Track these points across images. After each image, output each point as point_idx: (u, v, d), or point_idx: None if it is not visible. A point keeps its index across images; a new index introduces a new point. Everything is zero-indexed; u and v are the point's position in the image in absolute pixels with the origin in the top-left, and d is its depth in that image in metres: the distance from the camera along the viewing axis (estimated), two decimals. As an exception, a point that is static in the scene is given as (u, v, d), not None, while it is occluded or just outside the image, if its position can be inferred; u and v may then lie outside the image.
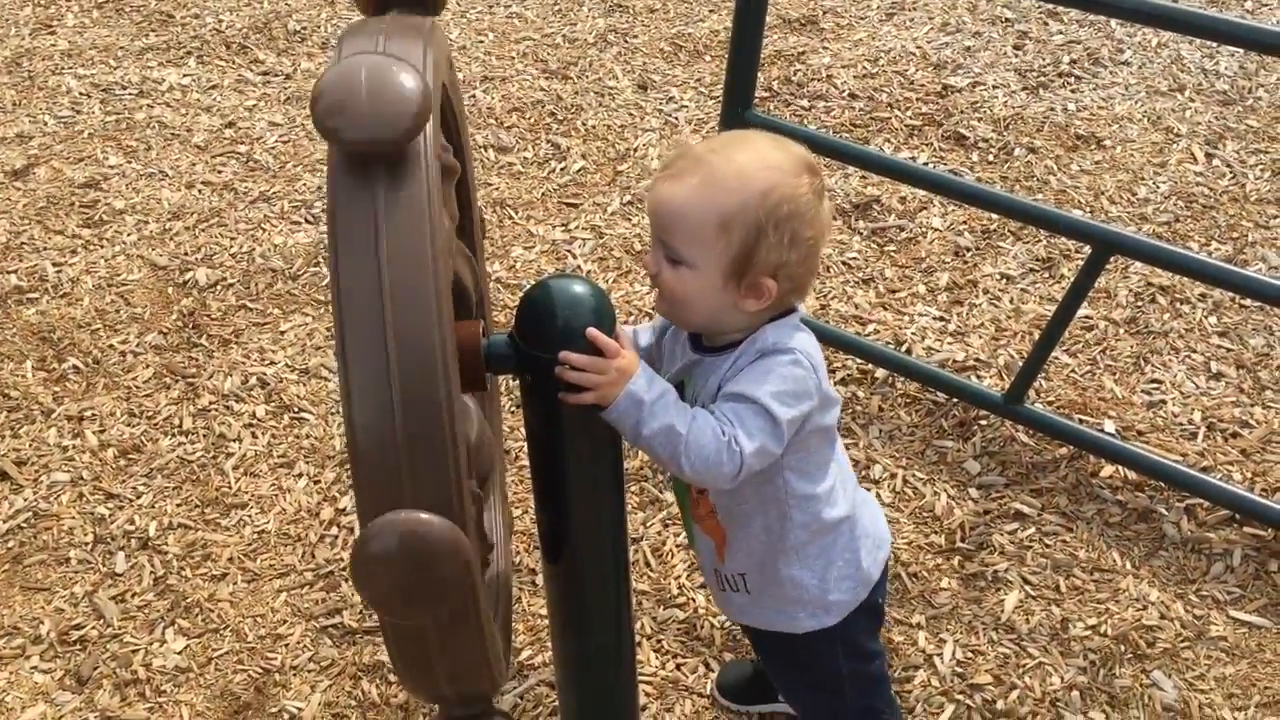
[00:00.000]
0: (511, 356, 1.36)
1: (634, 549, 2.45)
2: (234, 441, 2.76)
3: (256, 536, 2.53)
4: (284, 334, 3.09)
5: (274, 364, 2.99)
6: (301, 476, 2.66)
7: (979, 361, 2.90)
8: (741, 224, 1.37)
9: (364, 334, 1.09)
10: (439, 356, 1.10)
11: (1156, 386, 2.82)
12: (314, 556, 2.48)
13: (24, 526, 2.56)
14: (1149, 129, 3.84)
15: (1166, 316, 3.04)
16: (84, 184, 3.71)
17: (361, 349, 1.09)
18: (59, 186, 3.70)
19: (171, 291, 3.26)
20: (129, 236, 3.47)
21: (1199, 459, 2.61)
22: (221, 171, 3.78)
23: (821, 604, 1.61)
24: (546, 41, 4.53)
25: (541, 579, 2.36)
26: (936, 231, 3.38)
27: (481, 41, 4.54)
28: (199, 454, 2.74)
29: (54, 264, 3.36)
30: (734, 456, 1.37)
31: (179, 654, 2.29)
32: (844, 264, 3.26)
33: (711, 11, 4.71)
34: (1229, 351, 2.92)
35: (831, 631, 1.64)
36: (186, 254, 3.40)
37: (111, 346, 3.06)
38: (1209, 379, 2.84)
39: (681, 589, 2.37)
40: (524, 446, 2.63)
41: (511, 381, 2.62)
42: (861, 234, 3.39)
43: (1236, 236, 3.32)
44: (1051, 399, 2.78)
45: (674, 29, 4.58)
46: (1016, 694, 2.16)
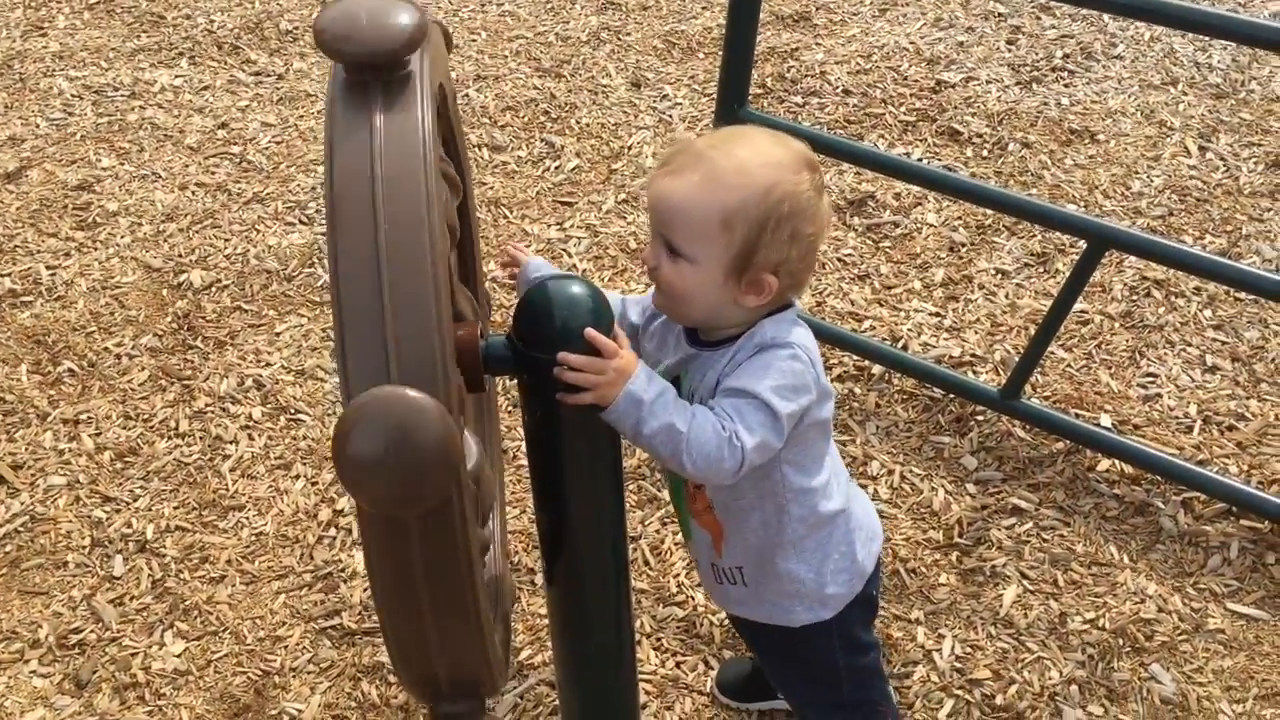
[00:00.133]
0: (510, 358, 1.36)
1: (633, 547, 2.45)
2: (231, 443, 2.76)
3: (254, 538, 2.53)
4: (279, 335, 3.09)
5: (270, 365, 2.98)
6: (299, 478, 2.66)
7: (975, 357, 2.91)
8: (744, 221, 1.37)
9: (357, 232, 1.12)
10: (428, 251, 1.12)
11: (1152, 380, 2.83)
12: (312, 558, 2.48)
13: (21, 530, 2.56)
14: (1142, 123, 3.84)
15: (1161, 310, 3.04)
16: (77, 186, 3.70)
17: (353, 243, 1.12)
18: (52, 189, 3.69)
19: (166, 294, 3.25)
20: (122, 239, 3.46)
21: (1195, 452, 2.61)
22: (215, 173, 3.77)
23: (818, 597, 1.62)
24: (539, 40, 4.53)
25: (541, 578, 2.36)
26: (931, 227, 3.38)
27: (474, 40, 4.54)
28: (196, 456, 2.73)
29: (47, 267, 3.35)
30: (735, 452, 1.37)
31: (178, 657, 2.29)
32: (839, 260, 3.26)
33: (704, 8, 4.71)
34: (1224, 344, 2.93)
35: (827, 625, 1.65)
36: (180, 256, 3.39)
37: (106, 349, 3.05)
38: (1204, 372, 2.85)
39: (680, 587, 2.37)
40: (521, 446, 2.63)
41: (509, 381, 2.62)
42: (857, 230, 3.39)
43: (1231, 230, 3.33)
44: (1048, 394, 2.78)
45: (667, 26, 4.57)
46: (1015, 689, 2.16)
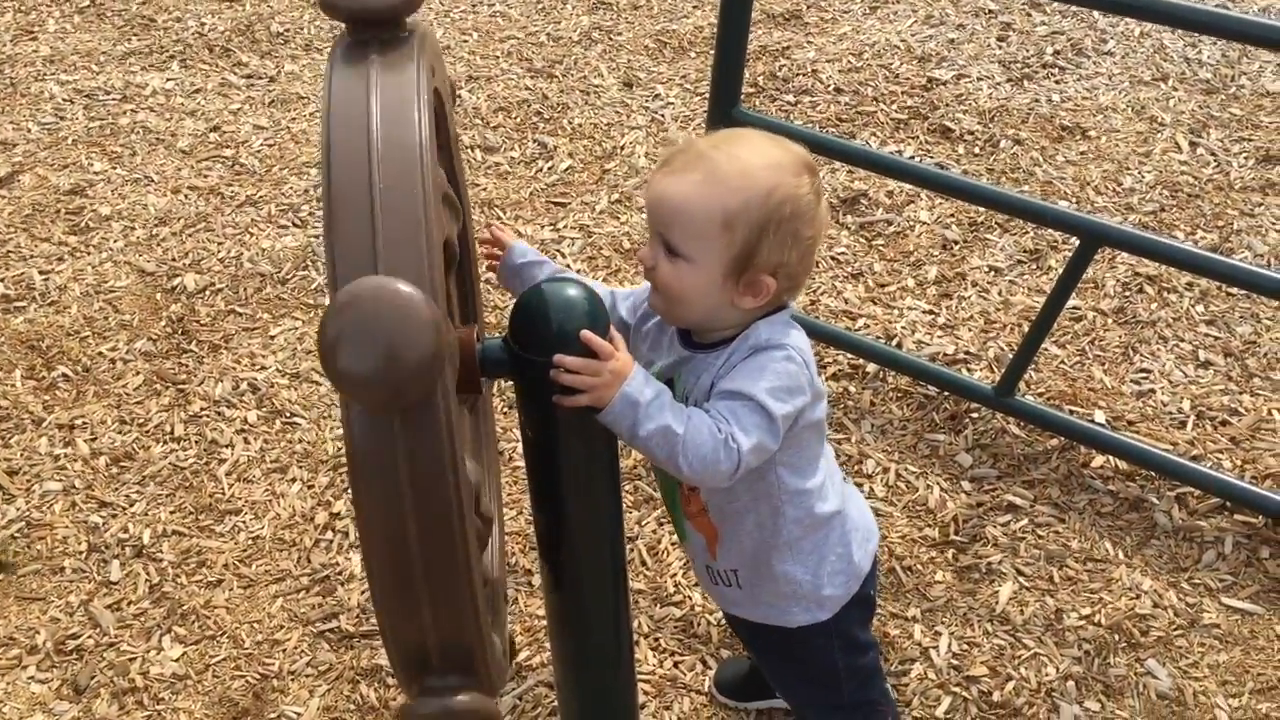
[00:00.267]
0: (506, 361, 1.36)
1: (630, 547, 2.45)
2: (226, 447, 2.76)
3: (251, 542, 2.53)
4: (274, 338, 3.08)
5: (265, 369, 2.98)
6: (295, 481, 2.66)
7: (969, 354, 2.91)
8: (745, 223, 1.38)
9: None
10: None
11: (1145, 376, 2.84)
12: (309, 561, 2.48)
13: (17, 536, 2.56)
14: (1133, 119, 3.85)
15: (1154, 306, 3.05)
16: (69, 191, 3.69)
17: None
18: (44, 194, 3.69)
19: (160, 298, 3.25)
20: (116, 243, 3.46)
21: (1189, 448, 2.62)
22: (207, 176, 3.77)
23: (815, 599, 1.62)
24: (531, 40, 4.53)
25: (539, 579, 2.37)
26: (924, 225, 3.39)
27: (466, 41, 4.54)
28: (191, 460, 2.73)
29: (41, 272, 3.35)
30: (731, 454, 1.37)
31: (176, 661, 2.29)
32: (833, 259, 3.27)
33: (695, 7, 4.71)
34: (1216, 340, 2.94)
35: (826, 625, 1.65)
36: (174, 260, 3.39)
37: (101, 354, 3.05)
38: (1197, 367, 2.86)
39: (678, 587, 2.38)
40: (518, 448, 2.64)
41: (504, 383, 2.62)
42: (850, 228, 3.40)
43: (1222, 224, 3.34)
44: (1042, 390, 2.79)
45: (658, 25, 4.58)
46: (1012, 685, 2.17)
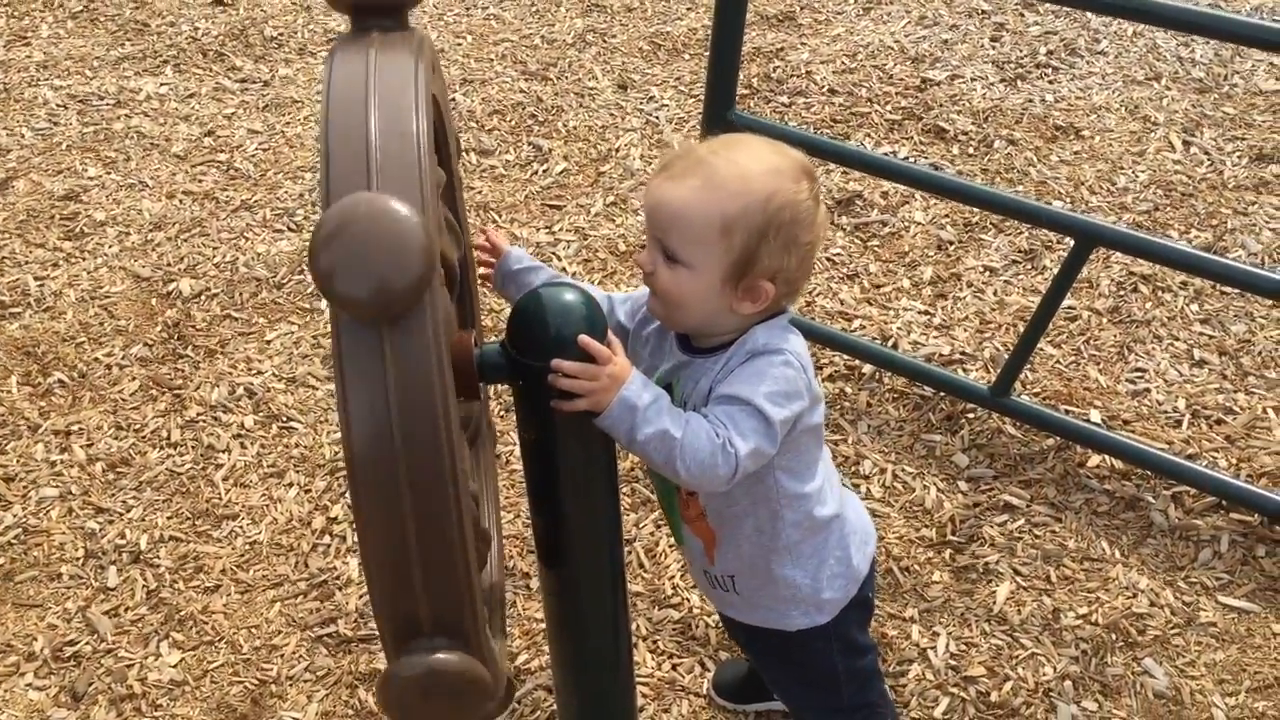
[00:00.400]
0: (504, 365, 1.36)
1: (627, 550, 2.45)
2: (223, 452, 2.76)
3: (248, 547, 2.53)
4: (270, 343, 3.08)
5: (261, 373, 2.98)
6: (292, 486, 2.66)
7: (965, 355, 2.92)
8: (744, 228, 1.38)
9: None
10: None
11: (1140, 375, 2.85)
12: (307, 566, 2.48)
13: (14, 543, 2.55)
14: (1127, 118, 3.86)
15: (1149, 305, 3.06)
16: (64, 196, 3.69)
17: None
18: (38, 199, 3.68)
19: (155, 303, 3.24)
20: (111, 248, 3.46)
21: (1184, 446, 2.63)
22: (202, 181, 3.77)
23: (814, 602, 1.62)
24: (525, 43, 4.53)
25: (537, 583, 2.37)
26: (919, 225, 3.40)
27: (460, 44, 4.54)
28: (188, 466, 2.73)
29: (36, 278, 3.34)
30: (729, 459, 1.37)
31: (174, 667, 2.29)
32: (828, 260, 3.27)
33: (689, 9, 4.71)
34: (1211, 338, 2.95)
35: (824, 629, 1.65)
36: (169, 265, 3.38)
37: (96, 360, 3.04)
38: (1192, 366, 2.87)
39: (676, 589, 2.38)
40: (515, 451, 2.64)
41: (501, 386, 2.62)
42: (845, 230, 3.40)
43: (1216, 224, 3.35)
44: (1037, 390, 2.80)
45: (652, 28, 4.58)
46: (1010, 685, 2.18)
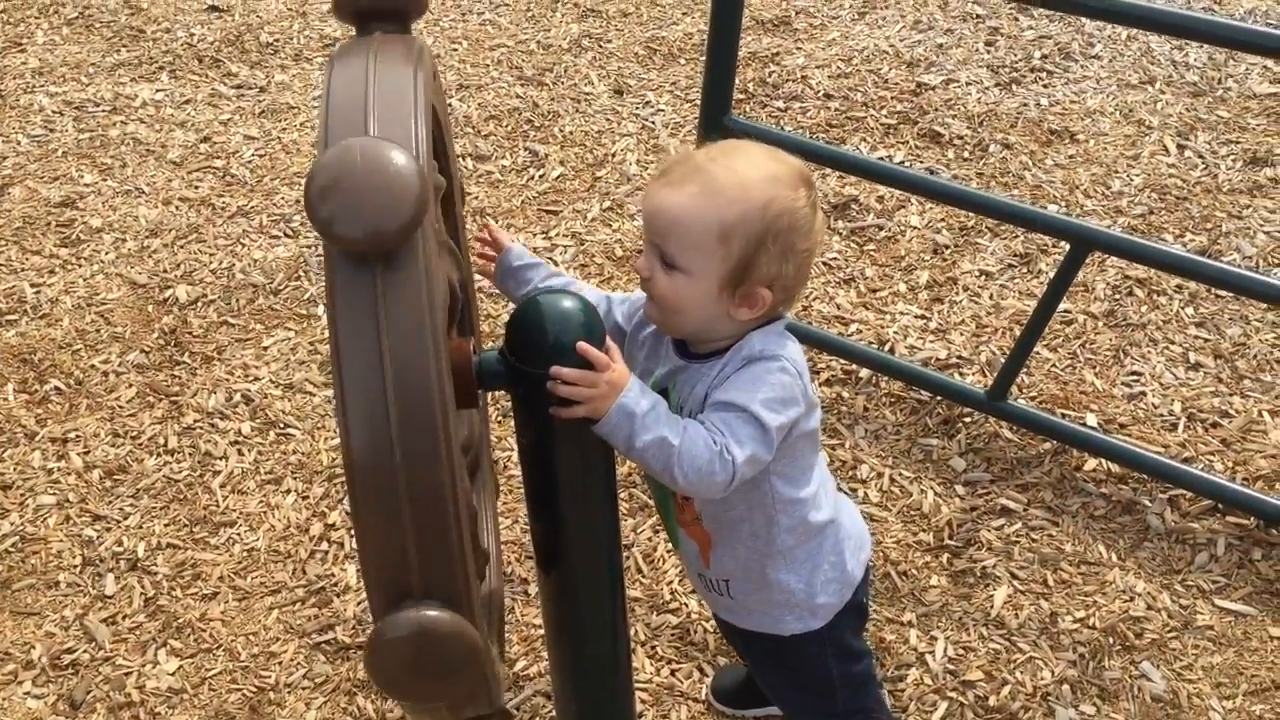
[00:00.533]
0: (503, 373, 1.36)
1: (626, 556, 2.45)
2: (220, 459, 2.76)
3: (246, 554, 2.53)
4: (267, 349, 3.08)
5: (258, 380, 2.98)
6: (290, 492, 2.66)
7: (961, 359, 2.93)
8: (742, 235, 1.38)
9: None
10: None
11: (1136, 379, 2.85)
12: (305, 573, 2.48)
13: (11, 551, 2.55)
14: (1121, 122, 3.87)
15: (1144, 309, 3.07)
16: (60, 203, 3.69)
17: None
18: (35, 206, 3.68)
19: (152, 309, 3.24)
20: (107, 255, 3.46)
21: (1180, 450, 2.64)
22: (198, 187, 3.77)
23: (809, 607, 1.63)
24: (521, 48, 4.54)
25: (535, 589, 2.37)
26: (915, 230, 3.40)
27: (455, 49, 4.54)
28: (185, 473, 2.73)
29: (32, 285, 3.34)
30: (726, 466, 1.37)
31: (172, 675, 2.29)
32: (825, 265, 3.28)
33: (685, 14, 4.72)
34: (1206, 342, 2.95)
35: (819, 633, 1.65)
36: (166, 271, 3.38)
37: (93, 366, 3.04)
38: (1188, 370, 2.87)
39: (674, 594, 2.38)
40: (511, 456, 2.64)
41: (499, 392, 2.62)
42: (841, 234, 3.41)
43: (1210, 227, 3.36)
44: (1034, 394, 2.80)
45: (648, 33, 4.59)
46: (1008, 689, 2.18)
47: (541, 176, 3.75)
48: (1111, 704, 2.15)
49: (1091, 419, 2.72)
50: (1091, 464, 2.61)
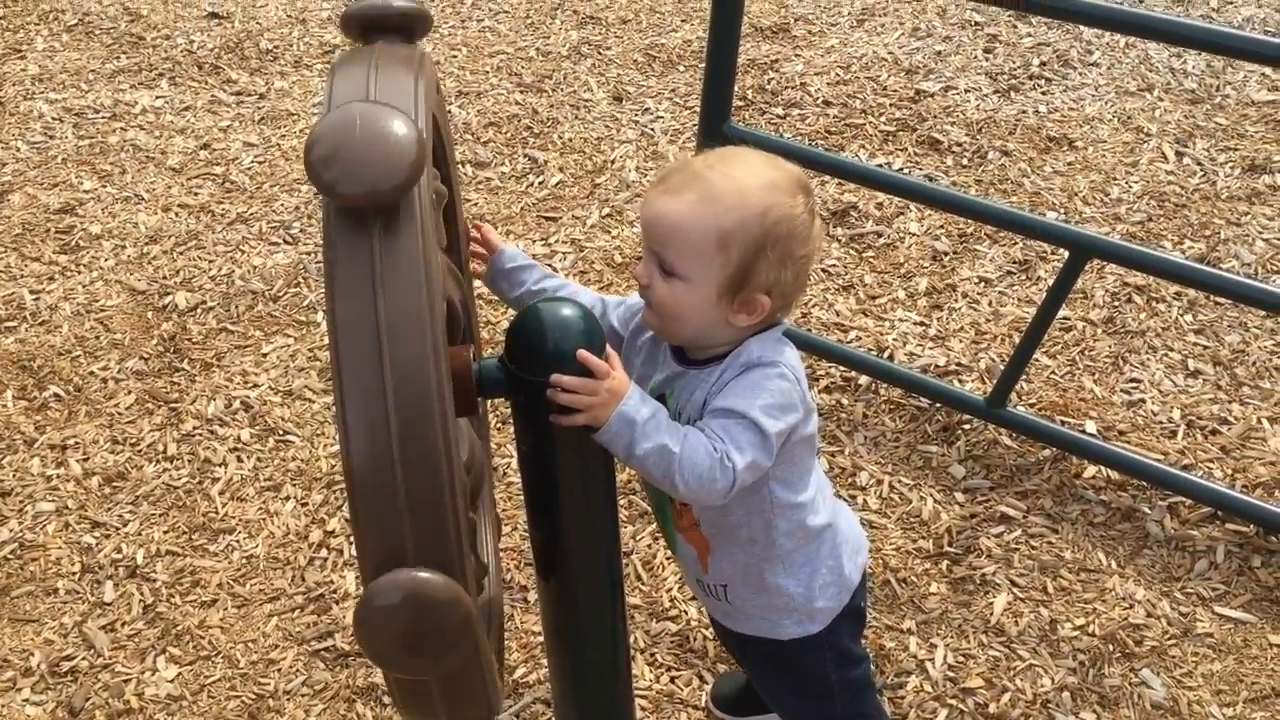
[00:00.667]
0: (503, 381, 1.36)
1: (625, 563, 2.45)
2: (219, 466, 2.76)
3: (245, 561, 2.53)
4: (266, 356, 3.08)
5: (257, 386, 2.98)
6: (289, 499, 2.66)
7: (960, 366, 2.93)
8: (741, 242, 1.39)
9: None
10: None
11: (1135, 386, 2.86)
12: (304, 580, 2.48)
13: (10, 558, 2.55)
14: (1119, 129, 3.88)
15: (1143, 316, 3.07)
16: (59, 210, 3.69)
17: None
18: (34, 213, 3.68)
19: (151, 316, 3.24)
20: (106, 262, 3.46)
21: (1180, 457, 2.64)
22: (198, 194, 3.77)
23: (807, 611, 1.63)
24: (520, 55, 4.54)
25: (534, 596, 2.37)
26: (914, 236, 3.41)
27: (455, 56, 4.55)
28: (184, 480, 2.73)
29: (31, 291, 3.34)
30: (727, 472, 1.38)
31: (171, 682, 2.29)
32: (824, 271, 3.28)
33: (684, 21, 4.73)
34: (1205, 349, 2.96)
35: (817, 638, 1.66)
36: (165, 278, 3.38)
37: (92, 373, 3.04)
38: (1187, 377, 2.88)
39: (673, 601, 2.38)
40: (511, 463, 2.64)
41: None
42: (840, 241, 3.41)
43: (1209, 234, 3.36)
44: (1033, 401, 2.81)
45: (647, 40, 4.59)
46: (1008, 697, 2.18)
47: (541, 183, 3.75)
48: (1112, 711, 2.15)
49: (1091, 426, 2.72)
50: (1091, 471, 2.61)
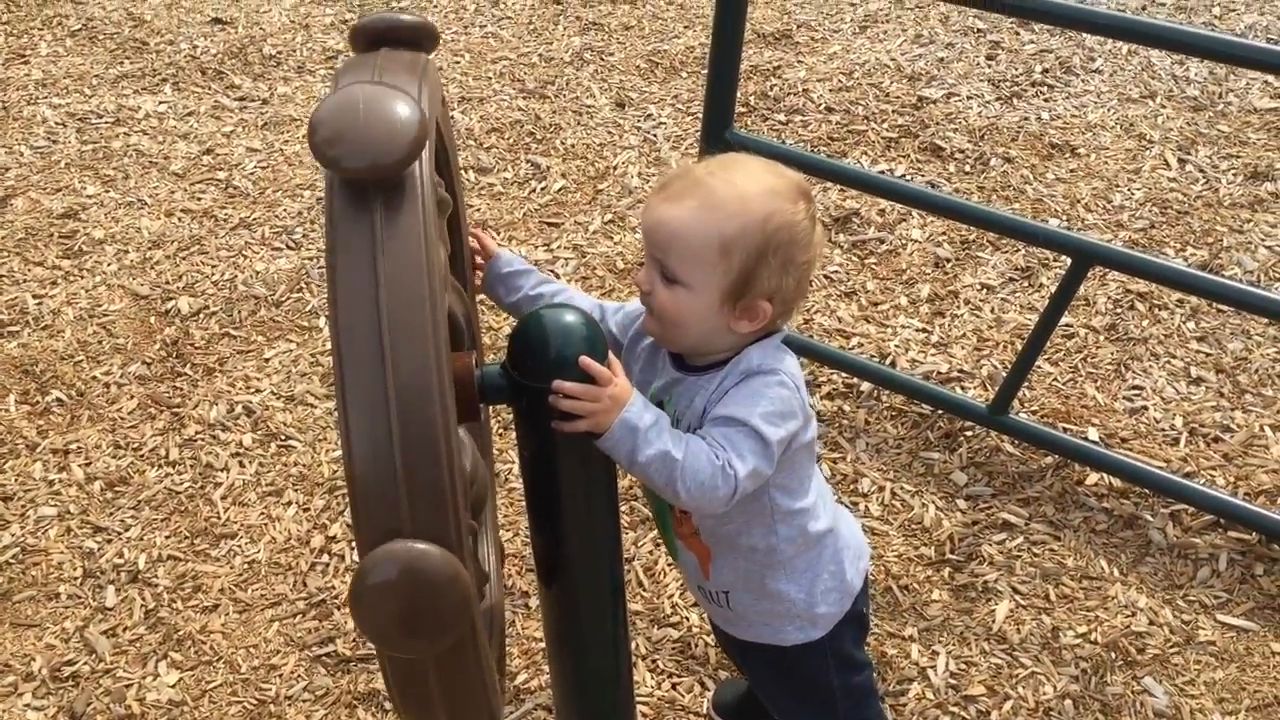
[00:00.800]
0: (505, 387, 1.36)
1: (626, 569, 2.45)
2: (221, 471, 2.76)
3: (247, 566, 2.53)
4: (268, 361, 3.09)
5: (259, 391, 2.98)
6: (290, 505, 2.66)
7: (962, 373, 2.93)
8: (743, 249, 1.39)
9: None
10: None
11: (1138, 393, 2.85)
12: (305, 585, 2.48)
13: (12, 563, 2.55)
14: (1122, 136, 3.88)
15: (1145, 323, 3.07)
16: (62, 214, 3.70)
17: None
18: (37, 217, 3.69)
19: (154, 321, 3.25)
20: (109, 266, 3.46)
21: (1182, 464, 2.64)
22: (201, 199, 3.78)
23: (809, 617, 1.63)
24: (523, 61, 4.55)
25: (536, 602, 2.37)
26: (916, 243, 3.41)
27: (458, 62, 4.55)
28: (186, 484, 2.73)
29: (34, 296, 3.35)
30: (728, 480, 1.38)
31: (172, 687, 2.28)
32: (826, 278, 3.28)
33: (686, 28, 4.74)
34: (1208, 356, 2.95)
35: (820, 643, 1.65)
36: (168, 283, 3.39)
37: (95, 378, 3.04)
38: (1189, 384, 2.87)
39: (675, 608, 2.38)
40: (513, 469, 2.64)
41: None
42: (842, 247, 3.41)
43: (1211, 241, 3.36)
44: (1035, 408, 2.80)
45: (649, 46, 4.60)
46: (1010, 704, 2.17)
47: (543, 189, 3.76)
48: (1114, 719, 2.14)
49: (1093, 433, 2.72)
50: (1093, 478, 2.61)
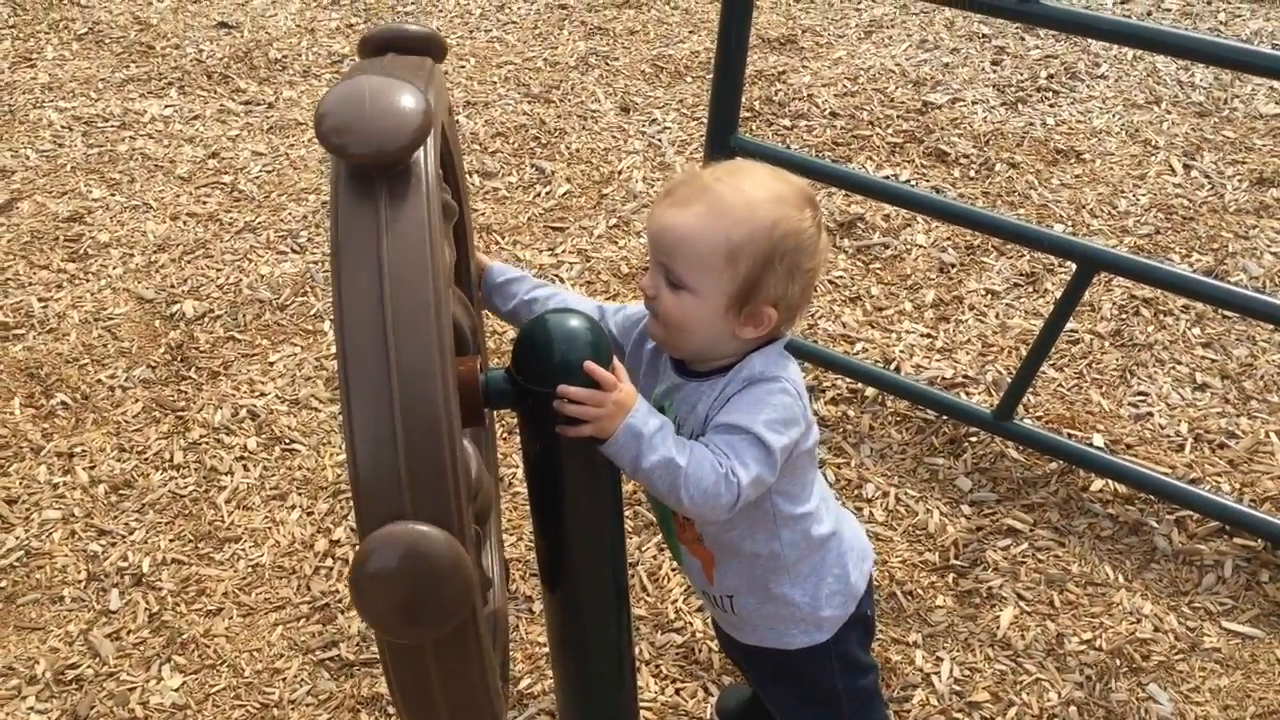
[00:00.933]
0: (509, 392, 1.36)
1: (630, 573, 2.45)
2: (226, 475, 2.76)
3: (251, 570, 2.53)
4: (273, 365, 3.09)
5: (264, 395, 2.98)
6: (295, 508, 2.66)
7: (967, 378, 2.92)
8: (749, 255, 1.39)
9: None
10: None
11: (1143, 399, 2.85)
12: (309, 589, 2.48)
13: (16, 565, 2.55)
14: (1127, 142, 3.88)
15: (1150, 329, 3.07)
16: (68, 218, 3.70)
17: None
18: (43, 221, 3.69)
19: (159, 324, 3.25)
20: (114, 270, 3.47)
21: (1187, 471, 2.63)
22: (206, 202, 3.78)
23: (814, 620, 1.63)
24: (528, 65, 4.55)
25: (539, 606, 2.37)
26: (921, 248, 3.41)
27: (463, 67, 4.56)
28: (190, 488, 2.73)
29: (39, 299, 3.35)
30: (732, 487, 1.37)
31: (176, 691, 2.28)
32: (831, 283, 3.28)
33: (691, 32, 4.74)
34: (1213, 362, 2.95)
35: (825, 646, 1.65)
36: (173, 286, 3.39)
37: (100, 381, 3.05)
38: (1194, 390, 2.87)
39: (679, 613, 2.37)
40: (517, 473, 2.64)
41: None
42: (847, 252, 3.41)
43: (1217, 247, 3.36)
44: (1040, 414, 2.80)
45: (654, 50, 4.60)
46: (1014, 711, 2.17)
47: (548, 193, 3.76)
48: (1118, 726, 2.14)
49: (1098, 439, 2.71)
50: (1098, 484, 2.60)
